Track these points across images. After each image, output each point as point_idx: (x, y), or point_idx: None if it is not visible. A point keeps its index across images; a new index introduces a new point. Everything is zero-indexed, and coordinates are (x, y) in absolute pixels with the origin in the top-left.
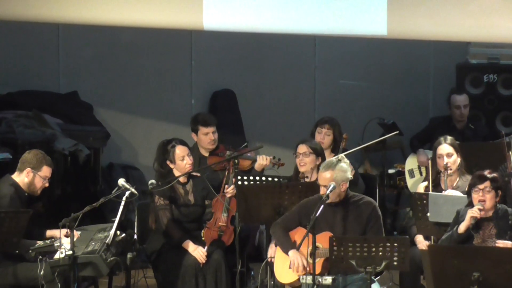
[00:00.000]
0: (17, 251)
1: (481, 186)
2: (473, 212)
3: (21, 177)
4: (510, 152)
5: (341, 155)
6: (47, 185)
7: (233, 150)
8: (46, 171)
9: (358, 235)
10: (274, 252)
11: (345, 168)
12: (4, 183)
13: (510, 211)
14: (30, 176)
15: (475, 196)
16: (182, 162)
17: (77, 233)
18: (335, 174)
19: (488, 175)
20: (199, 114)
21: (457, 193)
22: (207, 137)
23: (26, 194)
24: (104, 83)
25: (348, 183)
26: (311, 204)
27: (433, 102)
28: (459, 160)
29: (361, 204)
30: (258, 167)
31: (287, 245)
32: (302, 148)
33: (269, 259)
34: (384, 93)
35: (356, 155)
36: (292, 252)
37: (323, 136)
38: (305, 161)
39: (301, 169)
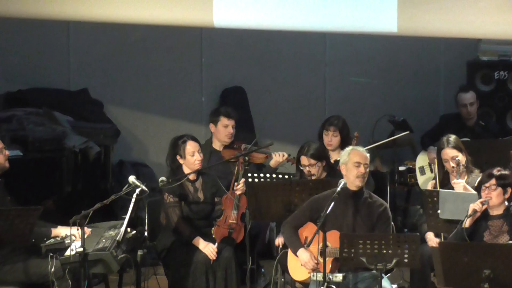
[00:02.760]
0: (33, 240)
1: (487, 184)
2: (475, 205)
3: None
4: None
5: None
6: (7, 153)
7: (246, 145)
8: None
9: (366, 232)
10: (282, 240)
11: None
12: None
13: None
14: None
15: (482, 194)
16: (192, 157)
17: (87, 230)
18: (368, 155)
19: (496, 173)
20: (222, 106)
21: (464, 184)
22: (226, 129)
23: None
24: (114, 81)
25: None
26: (323, 200)
27: (444, 99)
28: (465, 158)
29: (373, 203)
30: (274, 164)
31: (296, 245)
32: (305, 161)
33: (276, 244)
34: (394, 90)
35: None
36: (300, 252)
37: (330, 138)
38: (313, 170)
39: (312, 177)
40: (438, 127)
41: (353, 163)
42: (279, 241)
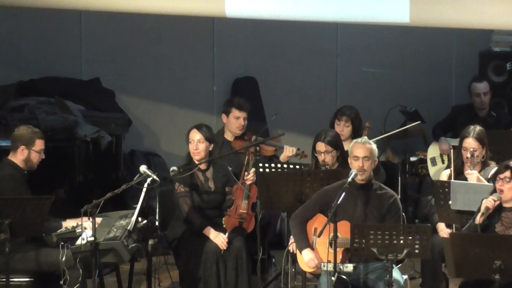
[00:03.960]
0: (43, 234)
1: (501, 176)
2: (487, 202)
3: (17, 156)
4: None
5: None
6: (43, 157)
7: (257, 136)
8: (39, 144)
9: (376, 223)
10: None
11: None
12: (2, 165)
13: None
14: (25, 153)
15: (496, 185)
16: (191, 145)
17: (98, 220)
18: (372, 147)
19: (511, 164)
20: (235, 97)
21: (478, 175)
22: (237, 121)
23: (25, 171)
24: (126, 70)
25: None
26: (332, 191)
27: (456, 90)
28: (483, 152)
29: (383, 194)
30: (284, 158)
31: (302, 244)
32: (322, 147)
33: (289, 247)
34: (406, 81)
35: (378, 143)
36: (305, 252)
37: (342, 128)
38: (328, 158)
39: (329, 166)
40: (449, 118)
41: (352, 157)
42: (292, 245)
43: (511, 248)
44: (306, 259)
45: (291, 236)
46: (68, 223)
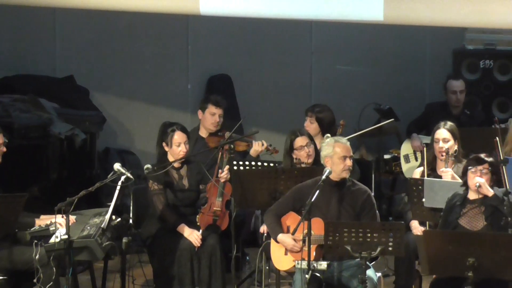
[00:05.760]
0: (16, 230)
1: (480, 167)
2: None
3: None
4: (497, 139)
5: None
6: (4, 149)
7: (231, 134)
8: None
9: (351, 220)
10: (266, 228)
11: None
12: None
13: (503, 191)
14: None
15: (472, 176)
16: (177, 148)
17: (72, 218)
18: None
19: (486, 158)
20: (213, 94)
21: (452, 173)
22: (213, 117)
23: None
24: (100, 68)
25: None
26: (306, 189)
27: (430, 87)
28: (456, 146)
29: (356, 190)
30: (254, 153)
31: (276, 231)
32: (304, 140)
33: (261, 231)
34: (380, 79)
35: (352, 141)
36: (280, 237)
37: (308, 124)
38: (310, 151)
39: (309, 160)
40: (424, 116)
41: (339, 157)
42: (263, 228)
43: (484, 245)
44: (286, 243)
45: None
46: (42, 221)
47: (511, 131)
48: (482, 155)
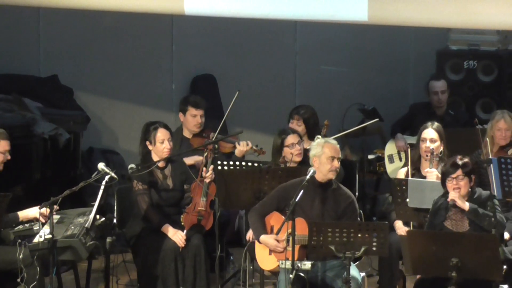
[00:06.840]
0: (1, 229)
1: (454, 175)
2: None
3: None
4: (487, 140)
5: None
6: (9, 157)
7: (215, 134)
8: (3, 145)
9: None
10: (252, 235)
11: None
12: None
13: (486, 195)
14: None
15: (450, 185)
16: (161, 145)
17: (56, 217)
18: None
19: (459, 162)
20: (191, 95)
21: (437, 173)
22: (194, 119)
23: None
24: (84, 67)
25: None
26: (291, 188)
27: (413, 88)
28: (441, 147)
29: (340, 194)
30: (239, 153)
31: (259, 232)
32: (296, 138)
33: (247, 238)
34: (364, 79)
35: (336, 141)
36: (262, 238)
37: (295, 126)
38: (301, 148)
39: (298, 159)
40: (408, 116)
41: (327, 157)
42: (249, 235)
43: (467, 246)
44: (266, 242)
45: (248, 231)
46: (27, 213)
47: (489, 133)
48: (458, 159)
